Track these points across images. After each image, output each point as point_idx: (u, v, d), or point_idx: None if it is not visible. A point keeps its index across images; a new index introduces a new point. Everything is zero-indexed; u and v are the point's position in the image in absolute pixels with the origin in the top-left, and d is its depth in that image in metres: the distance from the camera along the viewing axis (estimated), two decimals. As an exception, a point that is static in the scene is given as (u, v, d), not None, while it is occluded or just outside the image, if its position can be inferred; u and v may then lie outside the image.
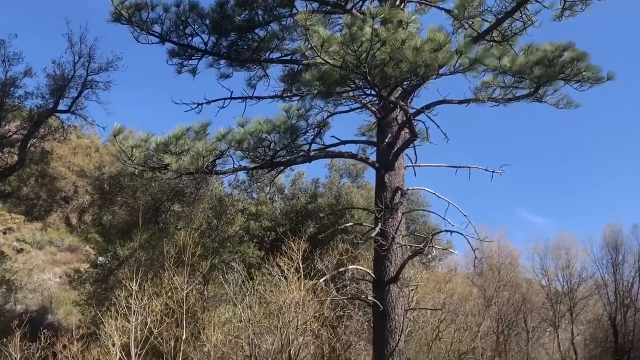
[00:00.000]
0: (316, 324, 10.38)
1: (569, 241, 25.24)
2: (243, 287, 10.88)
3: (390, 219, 13.55)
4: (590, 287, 25.11)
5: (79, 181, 33.27)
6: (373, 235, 12.56)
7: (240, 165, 13.97)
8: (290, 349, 8.49)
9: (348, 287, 15.33)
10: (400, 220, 13.82)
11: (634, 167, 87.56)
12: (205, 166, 12.52)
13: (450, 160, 14.04)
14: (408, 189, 14.72)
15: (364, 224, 16.13)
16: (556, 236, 37.69)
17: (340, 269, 13.70)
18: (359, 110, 13.90)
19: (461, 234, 12.02)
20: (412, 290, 16.26)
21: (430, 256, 16.76)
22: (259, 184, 25.06)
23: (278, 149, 11.91)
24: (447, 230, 12.68)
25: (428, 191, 14.48)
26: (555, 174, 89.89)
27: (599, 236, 30.22)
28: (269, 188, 22.94)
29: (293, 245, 9.74)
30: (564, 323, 23.92)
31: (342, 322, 15.10)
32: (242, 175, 26.47)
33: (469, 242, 12.50)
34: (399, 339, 12.73)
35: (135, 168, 15.78)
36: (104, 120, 36.15)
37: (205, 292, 18.05)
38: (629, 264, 24.50)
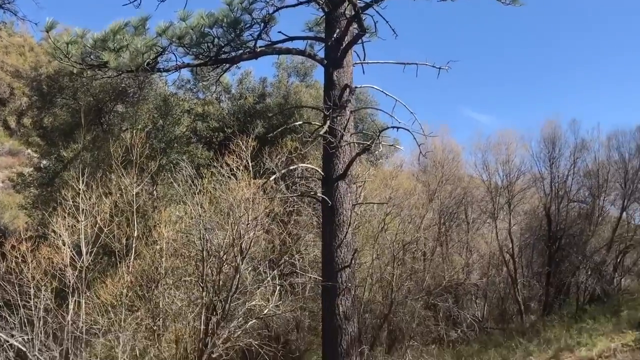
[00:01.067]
0: (267, 220, 10.62)
1: (509, 137, 26.09)
2: (193, 186, 10.90)
3: (338, 117, 13.65)
4: (527, 180, 26.31)
5: (14, 82, 31.65)
6: (322, 133, 12.67)
7: (183, 63, 13.53)
8: (241, 243, 8.73)
9: (298, 185, 15.66)
10: (349, 119, 13.95)
11: (573, 64, 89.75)
12: (146, 63, 12.05)
13: (399, 57, 14.00)
14: (356, 87, 14.73)
15: (313, 122, 16.19)
16: (497, 132, 38.91)
17: (290, 167, 13.92)
18: (307, 3, 13.47)
19: (407, 130, 12.31)
20: (360, 186, 16.76)
21: (377, 153, 17.14)
22: (204, 83, 24.49)
23: (222, 44, 11.55)
24: (393, 127, 12.93)
25: (376, 89, 14.55)
26: (499, 71, 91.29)
27: (538, 132, 31.42)
28: (215, 87, 22.45)
29: (241, 144, 9.73)
30: (502, 214, 25.22)
31: (292, 217, 15.54)
32: (186, 74, 25.74)
33: (414, 138, 12.83)
34: (346, 232, 13.28)
35: (72, 66, 15.06)
36: (37, 16, 33.97)
37: (155, 192, 18.05)
38: (565, 158, 25.69)
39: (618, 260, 25.44)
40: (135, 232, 9.12)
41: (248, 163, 9.66)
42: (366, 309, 16.39)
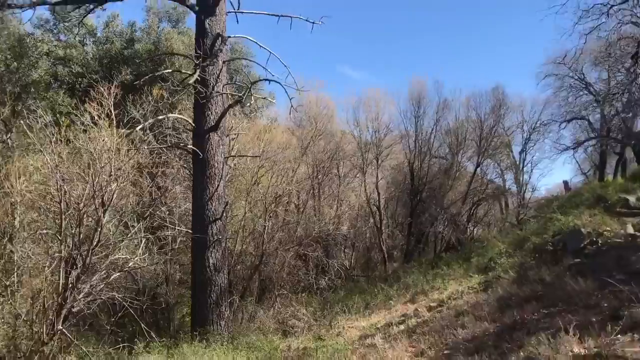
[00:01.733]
0: (133, 172, 10.24)
1: (379, 95, 27.21)
2: (50, 134, 10.18)
3: (210, 67, 13.36)
4: (395, 137, 27.75)
5: None
6: (191, 82, 12.35)
7: (39, -1, 12.42)
8: (103, 195, 8.37)
9: (168, 136, 15.20)
10: (221, 69, 13.70)
11: (439, 27, 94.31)
12: (-6, -3, 10.93)
13: (275, 9, 13.90)
14: (230, 37, 14.45)
15: (185, 71, 15.68)
16: (369, 90, 40.27)
17: (159, 117, 13.46)
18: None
19: (279, 83, 12.37)
20: (233, 139, 16.65)
21: (250, 105, 17.01)
22: (66, 24, 22.58)
23: (83, -18, 10.74)
24: (266, 80, 12.93)
25: (250, 40, 14.39)
26: (377, 31, 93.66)
27: (406, 91, 33.05)
28: (78, 29, 20.78)
29: (104, 90, 9.19)
30: (371, 169, 26.44)
31: (161, 169, 15.11)
32: (46, 13, 23.56)
33: (286, 92, 12.93)
34: (218, 185, 13.25)
35: None
36: None
37: (9, 140, 16.63)
38: (429, 117, 27.41)
39: (471, 211, 27.92)
40: (-16, 183, 8.42)
41: (111, 111, 9.17)
42: (238, 260, 16.57)
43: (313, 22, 13.80)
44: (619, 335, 6.02)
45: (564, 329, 6.15)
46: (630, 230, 12.34)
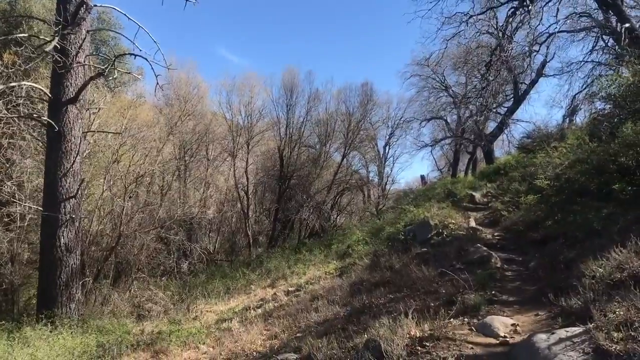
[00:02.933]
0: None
1: (254, 80, 27.25)
2: None
3: (72, 35, 12.54)
4: (267, 123, 27.99)
5: None
6: (48, 49, 11.51)
7: None
8: None
9: (21, 105, 14.02)
10: (84, 38, 12.92)
11: (318, 19, 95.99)
12: None
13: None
14: (96, 5, 13.66)
15: (44, 37, 14.54)
16: (244, 75, 40.04)
17: (10, 84, 12.37)
18: None
19: (146, 59, 11.89)
20: (94, 113, 15.79)
21: (115, 79, 16.16)
22: None
23: None
24: (132, 54, 12.37)
25: (119, 11, 13.65)
26: (255, 12, 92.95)
27: (280, 79, 33.40)
28: None
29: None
30: (242, 153, 26.42)
31: (10, 141, 13.95)
32: None
33: (152, 68, 12.49)
34: (74, 161, 12.52)
35: None
36: None
37: None
38: (301, 106, 28.00)
39: (336, 200, 28.97)
40: None
41: (-50, 73, 8.31)
42: (93, 241, 15.78)
43: (187, 0, 13.44)
44: (451, 319, 6.65)
45: (404, 313, 6.65)
46: (473, 223, 13.58)
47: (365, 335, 6.68)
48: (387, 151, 32.22)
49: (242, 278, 16.92)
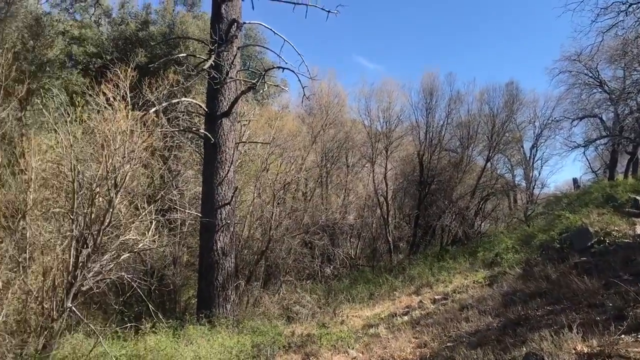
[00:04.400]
0: (145, 154, 10.34)
1: (392, 85, 27.13)
2: (65, 114, 10.29)
3: (225, 53, 13.41)
4: (405, 128, 27.73)
5: None
6: (206, 67, 12.41)
7: (57, -21, 12.48)
8: (116, 176, 8.48)
9: (180, 120, 15.29)
10: (236, 55, 13.75)
11: (456, 21, 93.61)
12: (14, -24, 10.98)
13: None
14: (245, 22, 14.48)
15: (199, 56, 15.73)
16: (381, 81, 40.06)
17: (172, 101, 13.53)
18: None
19: (293, 71, 12.40)
20: (244, 125, 16.73)
21: (263, 93, 17.06)
22: (82, 4, 22.68)
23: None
24: (280, 67, 12.96)
25: (265, 26, 14.37)
26: (391, 20, 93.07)
27: (419, 83, 32.98)
28: (93, 9, 20.88)
29: (120, 72, 9.27)
30: (380, 159, 26.44)
31: (173, 153, 15.24)
32: (62, -8, 23.64)
33: (299, 80, 12.98)
34: (228, 170, 13.35)
35: None
36: None
37: (24, 118, 16.76)
38: (441, 109, 27.32)
39: (480, 206, 27.89)
40: (0, 159, 8.51)
41: (126, 93, 9.24)
42: (245, 245, 16.71)
43: (329, 11, 13.78)
44: (622, 335, 6.07)
45: (568, 327, 6.21)
46: (639, 230, 12.36)
47: (524, 349, 6.33)
48: (534, 153, 30.34)
49: (385, 284, 16.89)
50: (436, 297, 13.37)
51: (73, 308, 8.48)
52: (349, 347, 9.61)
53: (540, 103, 29.99)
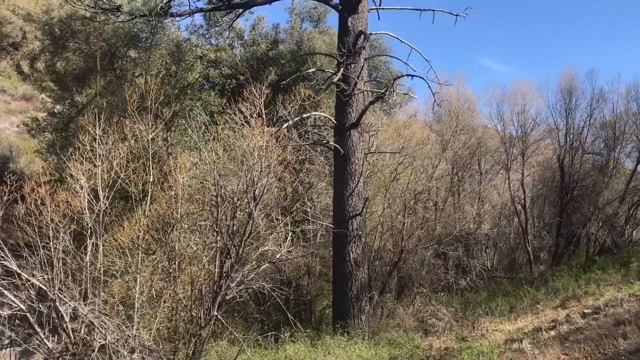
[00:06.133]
0: (279, 168, 10.70)
1: (526, 87, 25.64)
2: (206, 133, 10.96)
3: (352, 65, 13.56)
4: (542, 131, 26.04)
5: (26, 26, 31.45)
6: (335, 80, 12.61)
7: (196, 7, 13.44)
8: (254, 190, 8.83)
9: (310, 133, 15.67)
10: (363, 66, 13.85)
11: (596, 13, 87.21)
12: (159, 7, 11.96)
13: (415, 4, 13.73)
14: (371, 34, 14.55)
15: (326, 70, 16.06)
16: (514, 82, 38.19)
17: (303, 115, 13.91)
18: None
19: (422, 78, 12.21)
20: (373, 135, 16.74)
21: (390, 102, 17.01)
22: (217, 28, 24.15)
23: (236, -11, 11.44)
24: (408, 75, 12.83)
25: (391, 36, 14.37)
26: (519, 20, 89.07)
27: (555, 82, 30.98)
28: (227, 33, 22.16)
29: (255, 91, 9.69)
30: (516, 165, 25.07)
31: (305, 166, 15.63)
32: (199, 19, 25.43)
33: (429, 86, 12.76)
34: (358, 181, 13.42)
35: (85, 9, 14.96)
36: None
37: (169, 138, 18.15)
38: (581, 109, 25.27)
39: (630, 212, 25.37)
40: (151, 177, 9.22)
41: (261, 110, 9.65)
42: (376, 256, 16.64)
43: (457, 15, 13.46)
44: None
45: None
46: None
47: (702, 374, 5.59)
48: (694, 153, 27.17)
49: (526, 297, 15.91)
50: (585, 310, 12.31)
51: (219, 316, 8.93)
52: (491, 363, 9.16)
53: (698, 96, 26.81)
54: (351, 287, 13.00)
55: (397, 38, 13.83)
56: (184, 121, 15.82)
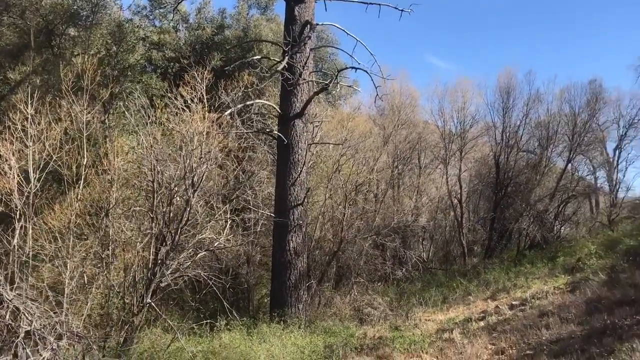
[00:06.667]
0: (221, 155, 10.59)
1: (467, 85, 26.34)
2: (145, 116, 10.70)
3: (298, 54, 13.53)
4: (481, 128, 26.86)
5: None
6: (280, 68, 12.55)
7: (139, -13, 12.98)
8: (193, 176, 8.70)
9: (254, 121, 15.57)
10: (309, 56, 13.84)
11: (532, 18, 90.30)
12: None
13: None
14: (318, 24, 14.54)
15: (272, 58, 15.96)
16: (455, 80, 39.10)
17: (247, 103, 13.79)
18: None
19: (366, 71, 12.33)
20: (317, 126, 16.79)
21: (335, 94, 17.09)
22: (161, 10, 23.60)
23: (181, -30, 11.14)
24: (353, 67, 12.91)
25: (338, 27, 14.38)
26: (465, 18, 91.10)
27: (495, 81, 31.94)
28: (172, 15, 21.66)
29: (197, 75, 9.53)
30: (454, 161, 25.76)
31: (247, 154, 15.51)
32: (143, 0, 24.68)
33: (372, 80, 12.88)
34: (301, 171, 13.44)
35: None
36: None
37: (107, 121, 17.60)
38: (518, 108, 26.20)
39: (559, 209, 26.59)
40: (86, 160, 8.90)
41: (203, 96, 9.49)
42: (316, 246, 16.76)
43: (402, 10, 13.63)
44: None
45: (662, 339, 5.79)
46: None
47: (613, 360, 5.97)
48: (618, 155, 28.63)
49: (459, 288, 16.46)
50: (513, 302, 12.87)
51: (152, 304, 8.78)
52: (422, 351, 9.43)
53: (625, 102, 28.23)
54: (290, 276, 13.03)
55: (343, 30, 13.88)
56: (122, 104, 15.36)
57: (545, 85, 36.98)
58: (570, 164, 26.86)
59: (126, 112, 10.09)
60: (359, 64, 13.15)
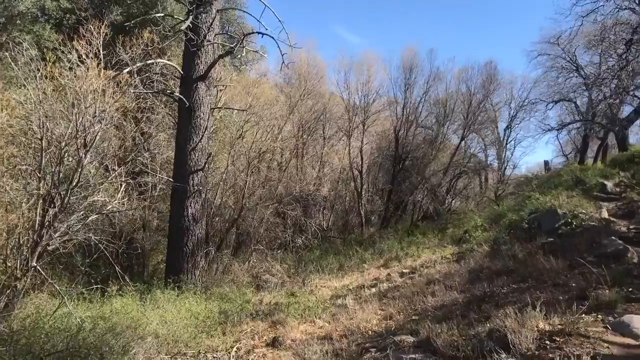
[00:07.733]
0: (117, 115, 10.11)
1: (372, 59, 26.99)
2: (35, 69, 9.95)
3: (204, 14, 13.11)
4: (383, 103, 27.71)
5: None
6: (183, 28, 12.11)
7: None
8: (86, 136, 8.26)
9: (155, 82, 14.98)
10: (215, 17, 13.45)
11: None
12: None
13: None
14: (225, -15, 14.14)
15: (177, 17, 15.36)
16: (362, 54, 39.67)
17: (147, 62, 13.19)
18: None
19: (272, 37, 12.16)
20: (221, 90, 16.46)
21: (241, 58, 16.77)
22: (57, -45, 21.80)
23: None
24: (260, 33, 12.68)
25: (246, -10, 14.06)
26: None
27: (399, 57, 32.86)
28: (68, -39, 20.12)
29: (93, 28, 8.98)
30: (357, 133, 26.40)
31: (146, 115, 14.94)
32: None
33: (278, 46, 12.76)
34: (202, 135, 13.17)
35: None
36: None
37: (-10, 72, 16.19)
38: (419, 86, 27.30)
39: (451, 183, 28.18)
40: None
41: (99, 51, 8.97)
42: (217, 212, 16.61)
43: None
44: (583, 315, 6.21)
45: (532, 305, 6.31)
46: (605, 214, 12.59)
47: (488, 325, 6.44)
48: (508, 134, 30.67)
49: (355, 256, 17.05)
50: (404, 270, 13.53)
51: (38, 267, 8.33)
52: (316, 317, 9.68)
53: (517, 85, 30.36)
54: (187, 242, 12.84)
55: (252, -7, 13.60)
56: (8, 54, 14.16)
57: (445, 65, 38.57)
58: (464, 141, 28.44)
59: (13, 64, 9.31)
60: (266, 29, 12.94)
